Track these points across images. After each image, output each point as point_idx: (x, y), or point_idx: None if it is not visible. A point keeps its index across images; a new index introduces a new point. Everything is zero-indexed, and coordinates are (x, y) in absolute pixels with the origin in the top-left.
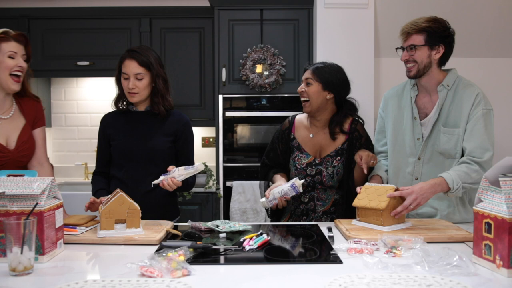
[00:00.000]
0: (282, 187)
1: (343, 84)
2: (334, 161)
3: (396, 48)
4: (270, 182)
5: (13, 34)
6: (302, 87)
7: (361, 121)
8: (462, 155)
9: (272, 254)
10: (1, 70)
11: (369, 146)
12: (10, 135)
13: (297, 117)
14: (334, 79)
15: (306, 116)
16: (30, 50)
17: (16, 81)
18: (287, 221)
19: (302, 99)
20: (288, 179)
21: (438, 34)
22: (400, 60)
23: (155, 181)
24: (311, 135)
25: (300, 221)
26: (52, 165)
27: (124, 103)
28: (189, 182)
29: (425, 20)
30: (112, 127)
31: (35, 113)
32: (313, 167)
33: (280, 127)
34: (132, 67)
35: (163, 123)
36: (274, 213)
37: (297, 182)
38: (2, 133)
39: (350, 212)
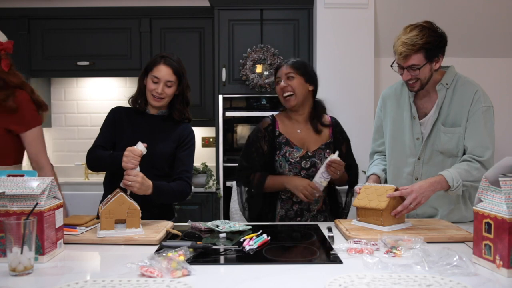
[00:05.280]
0: (321, 171)
1: (316, 76)
2: (326, 153)
3: (391, 65)
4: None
5: None
6: (283, 83)
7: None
8: (464, 153)
9: (272, 254)
10: None
11: (348, 142)
12: None
13: (276, 115)
14: (311, 72)
15: (285, 114)
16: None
17: None
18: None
19: (286, 94)
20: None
21: (435, 47)
22: (403, 80)
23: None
24: (298, 131)
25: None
26: (53, 169)
27: (140, 102)
28: (175, 191)
29: (417, 35)
30: (123, 121)
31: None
32: (307, 159)
33: (259, 127)
34: (166, 73)
35: (172, 129)
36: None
37: (333, 156)
38: None
39: (335, 212)
